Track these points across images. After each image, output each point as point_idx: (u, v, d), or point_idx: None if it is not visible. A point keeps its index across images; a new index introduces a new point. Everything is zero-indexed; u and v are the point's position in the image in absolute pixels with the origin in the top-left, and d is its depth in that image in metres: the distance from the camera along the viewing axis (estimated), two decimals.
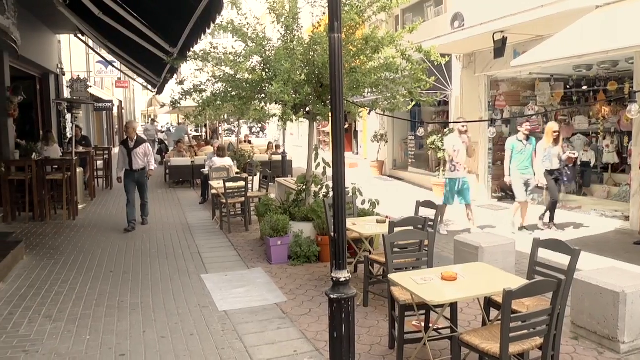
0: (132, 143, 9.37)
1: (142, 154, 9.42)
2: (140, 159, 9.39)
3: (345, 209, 3.16)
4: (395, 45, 7.21)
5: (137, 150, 9.36)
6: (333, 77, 2.85)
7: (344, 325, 3.20)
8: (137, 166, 9.38)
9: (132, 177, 9.45)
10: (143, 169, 9.50)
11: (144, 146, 9.54)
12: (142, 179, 9.58)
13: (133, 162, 9.34)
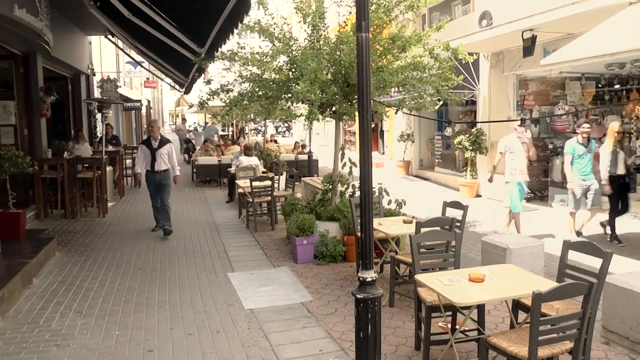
0: (155, 143, 8.77)
1: (165, 155, 8.80)
2: (163, 160, 8.79)
3: (372, 209, 3.15)
4: (422, 44, 7.16)
5: (160, 150, 8.74)
6: (360, 76, 2.84)
7: (370, 325, 3.19)
8: (160, 167, 8.76)
9: (153, 179, 8.82)
10: (166, 171, 8.85)
11: (168, 147, 8.90)
12: (164, 181, 8.89)
13: (156, 163, 8.71)
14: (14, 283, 5.65)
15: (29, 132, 10.64)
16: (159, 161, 8.73)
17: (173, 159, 8.97)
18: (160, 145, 8.78)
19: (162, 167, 8.78)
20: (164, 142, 8.86)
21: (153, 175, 8.79)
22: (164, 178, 8.86)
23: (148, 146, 8.78)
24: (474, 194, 12.81)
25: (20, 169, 7.81)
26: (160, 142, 8.80)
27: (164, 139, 8.93)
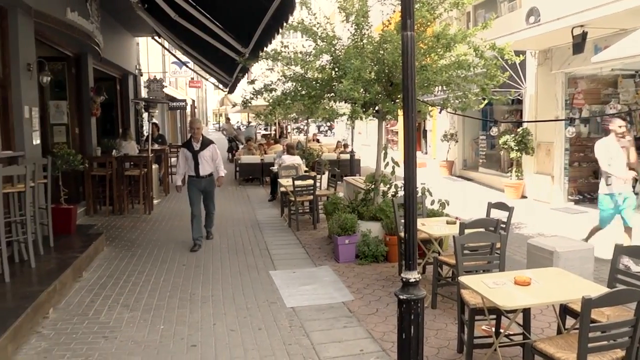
0: (197, 144, 7.93)
1: (209, 157, 7.96)
2: (207, 163, 7.96)
3: (416, 209, 3.12)
4: (467, 42, 7.04)
5: (203, 153, 7.90)
6: (405, 75, 2.81)
7: (413, 326, 3.15)
8: (205, 172, 7.93)
9: (198, 185, 7.98)
10: (210, 175, 8.06)
11: (212, 148, 8.04)
12: (209, 187, 8.12)
13: (200, 167, 7.89)
14: (66, 276, 5.85)
15: (80, 130, 11.01)
16: (203, 165, 7.92)
17: (217, 160, 8.13)
18: (203, 147, 7.95)
19: (207, 170, 7.99)
20: (206, 144, 8.01)
21: (197, 181, 7.94)
22: (209, 183, 8.11)
23: (189, 149, 7.95)
24: (519, 195, 12.53)
25: (72, 166, 8.08)
26: (202, 144, 7.95)
27: (206, 140, 8.08)
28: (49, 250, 6.70)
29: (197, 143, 7.94)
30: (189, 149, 7.95)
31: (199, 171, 7.89)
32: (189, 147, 7.97)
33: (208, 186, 8.10)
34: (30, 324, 4.70)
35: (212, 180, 8.15)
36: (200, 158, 7.89)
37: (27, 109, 7.18)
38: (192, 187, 7.99)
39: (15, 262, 6.05)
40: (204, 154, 7.91)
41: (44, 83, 8.22)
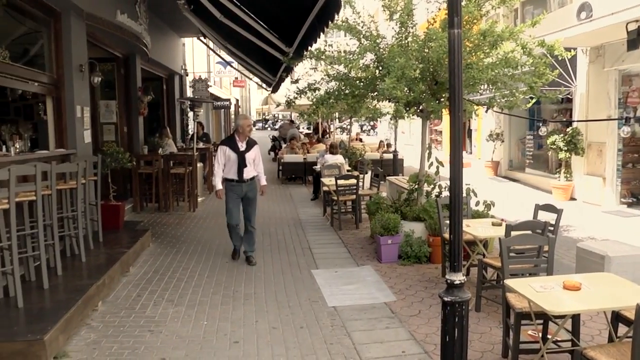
0: (243, 144, 6.99)
1: (252, 159, 7.08)
2: (251, 166, 7.06)
3: (462, 210, 3.06)
4: (515, 40, 6.87)
5: (249, 154, 7.00)
6: (452, 74, 2.76)
7: (457, 329, 3.10)
8: (247, 175, 7.00)
9: (238, 190, 7.00)
10: (254, 179, 7.15)
11: (256, 150, 7.18)
12: (251, 193, 7.10)
13: (245, 170, 6.96)
14: (114, 270, 6.02)
15: (128, 129, 11.32)
16: (248, 167, 7.01)
17: (260, 164, 7.25)
18: (248, 147, 7.06)
19: (251, 174, 7.07)
20: (251, 144, 7.13)
21: (239, 186, 6.98)
22: (252, 189, 7.12)
23: (233, 148, 6.97)
24: (568, 197, 12.16)
25: (120, 164, 8.31)
26: (248, 144, 7.07)
27: (251, 140, 7.20)
28: (98, 245, 6.90)
29: (243, 142, 7.01)
30: (233, 148, 6.96)
31: (243, 174, 6.95)
32: (232, 146, 6.98)
33: (250, 192, 7.10)
34: (81, 316, 4.85)
35: (255, 185, 7.20)
36: (246, 160, 6.99)
37: (79, 109, 7.42)
38: (231, 193, 7.01)
39: (67, 256, 6.26)
40: (249, 156, 7.03)
41: (95, 83, 8.48)
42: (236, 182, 6.95)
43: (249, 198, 7.11)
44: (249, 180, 7.04)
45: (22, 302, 4.68)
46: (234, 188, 6.98)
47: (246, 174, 6.98)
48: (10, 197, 4.62)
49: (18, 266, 4.78)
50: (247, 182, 7.02)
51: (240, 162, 6.92)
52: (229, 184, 6.99)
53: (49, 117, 7.18)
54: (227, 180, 6.98)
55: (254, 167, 7.10)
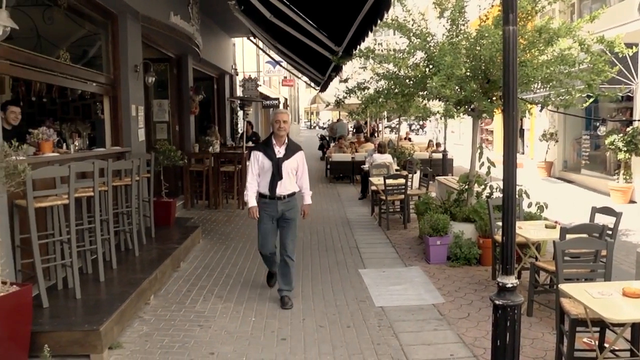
0: (281, 149, 5.37)
1: (293, 169, 5.45)
2: (291, 178, 5.44)
3: (515, 211, 2.98)
4: (572, 36, 6.64)
5: (288, 162, 5.37)
6: (506, 72, 2.69)
7: (509, 334, 3.02)
8: (285, 190, 5.38)
9: (272, 209, 5.39)
10: (292, 196, 5.48)
11: (299, 157, 5.50)
12: (290, 214, 5.45)
13: (281, 183, 5.34)
14: (165, 266, 6.17)
15: (180, 128, 11.60)
16: (286, 180, 5.37)
17: (304, 176, 5.61)
18: (289, 153, 5.41)
19: (289, 189, 5.43)
20: (293, 149, 5.47)
21: (272, 204, 5.39)
22: (290, 207, 5.47)
23: (268, 154, 5.36)
24: (627, 199, 11.67)
25: (172, 161, 8.52)
26: (288, 149, 5.41)
27: (293, 144, 5.54)
28: (150, 240, 7.10)
29: (281, 146, 5.38)
30: (268, 154, 5.36)
31: (277, 189, 5.34)
32: (267, 152, 5.38)
33: (288, 212, 5.44)
34: (134, 309, 5.00)
35: (295, 204, 5.53)
36: (284, 169, 5.35)
37: (134, 108, 7.65)
38: (263, 212, 5.42)
39: (121, 251, 6.47)
40: (288, 165, 5.38)
41: (149, 83, 8.72)
42: (269, 198, 5.37)
43: (287, 220, 5.44)
44: (286, 197, 5.39)
45: (79, 293, 4.87)
46: (266, 206, 5.40)
47: (282, 188, 5.35)
48: (70, 192, 4.82)
49: (76, 259, 4.97)
50: (283, 200, 5.38)
51: (275, 172, 5.31)
52: (261, 201, 5.44)
53: (105, 116, 7.44)
54: (260, 195, 5.46)
55: (295, 180, 5.50)
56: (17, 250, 4.73)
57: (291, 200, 5.46)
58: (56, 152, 5.74)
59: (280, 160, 5.32)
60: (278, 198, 5.36)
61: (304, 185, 5.60)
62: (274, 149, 5.35)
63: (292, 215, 5.47)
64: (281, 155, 5.34)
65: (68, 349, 4.12)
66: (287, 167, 5.36)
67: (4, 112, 5.68)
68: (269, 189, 5.35)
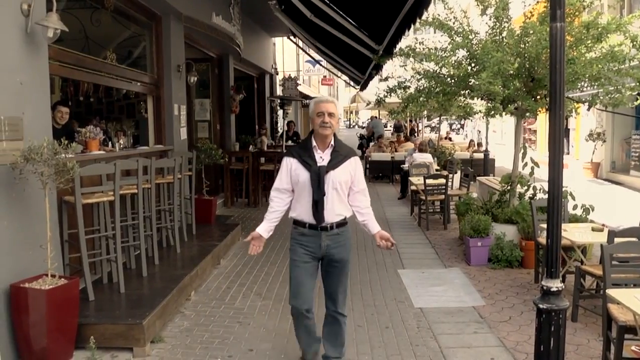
0: (324, 153, 3.72)
1: (344, 184, 3.73)
2: (341, 196, 3.74)
3: (561, 213, 2.90)
4: (622, 32, 6.42)
5: (336, 174, 3.68)
6: (553, 70, 2.62)
7: (553, 339, 2.94)
8: (331, 217, 3.71)
9: (313, 244, 3.74)
10: (343, 226, 3.80)
11: (352, 164, 3.78)
12: (340, 252, 3.78)
13: (326, 205, 3.66)
14: (206, 262, 6.27)
15: (221, 127, 11.77)
16: (332, 200, 3.69)
17: (364, 194, 3.90)
18: (337, 160, 3.71)
19: (338, 213, 3.75)
20: (343, 154, 3.75)
21: (313, 237, 3.73)
22: (339, 242, 3.78)
23: (304, 161, 3.70)
24: None
25: (213, 160, 8.65)
26: (335, 154, 3.72)
27: (342, 148, 3.81)
28: (191, 237, 7.23)
29: (325, 150, 3.71)
30: (304, 161, 3.68)
31: (319, 214, 3.65)
32: (303, 158, 3.70)
33: (337, 250, 3.75)
34: (175, 304, 5.10)
35: (346, 238, 3.83)
36: (329, 184, 3.64)
37: (177, 107, 7.80)
38: (299, 248, 3.76)
39: (163, 247, 6.61)
40: (336, 177, 3.67)
41: (191, 83, 8.88)
42: (309, 227, 3.68)
43: (335, 262, 3.74)
44: (334, 227, 3.69)
45: (123, 287, 5.00)
46: (304, 240, 3.70)
47: (327, 213, 3.64)
48: (115, 189, 4.94)
49: (121, 254, 5.11)
50: (330, 231, 3.68)
51: (314, 188, 3.60)
52: (295, 232, 3.77)
53: (149, 115, 7.62)
54: (294, 223, 3.79)
55: (346, 199, 3.76)
56: (66, 245, 4.89)
57: (342, 233, 3.72)
58: (102, 150, 5.91)
59: (323, 170, 3.56)
60: (322, 228, 3.63)
61: (362, 204, 3.81)
62: (313, 154, 3.63)
63: (341, 254, 3.72)
64: (325, 163, 3.60)
65: (112, 341, 4.23)
66: (335, 180, 3.60)
67: (53, 112, 5.88)
68: (306, 213, 3.64)
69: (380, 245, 3.77)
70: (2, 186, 3.84)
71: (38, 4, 4.15)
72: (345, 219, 3.81)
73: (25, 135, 4.04)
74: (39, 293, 3.83)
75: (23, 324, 3.87)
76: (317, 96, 3.78)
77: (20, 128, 4.01)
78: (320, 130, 3.66)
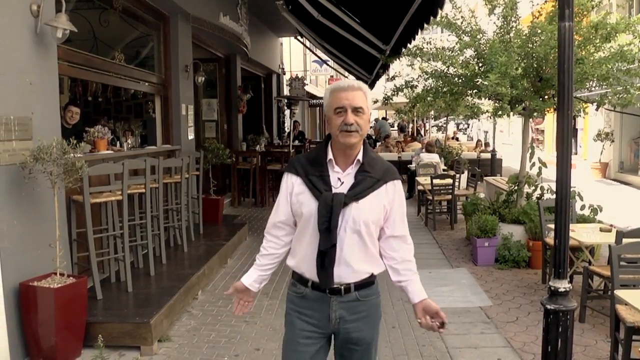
0: (344, 172, 2.27)
1: (372, 224, 2.25)
2: (365, 241, 2.26)
3: (569, 213, 2.89)
4: (632, 32, 6.39)
5: (360, 206, 2.21)
6: (561, 70, 2.61)
7: (560, 340, 2.93)
8: (347, 275, 2.26)
9: (318, 315, 2.32)
10: (367, 286, 2.34)
11: (389, 191, 2.30)
12: (361, 330, 2.33)
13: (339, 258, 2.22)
14: (213, 262, 6.29)
15: (228, 126, 11.79)
16: (350, 250, 2.25)
17: (401, 239, 2.43)
18: (363, 185, 2.24)
19: (359, 269, 2.30)
20: (375, 176, 2.27)
21: (318, 303, 2.33)
22: (359, 315, 2.35)
23: (313, 185, 2.25)
24: None
25: (220, 160, 8.67)
26: (361, 173, 2.26)
27: (376, 163, 2.32)
28: (199, 237, 7.25)
29: (347, 168, 2.30)
30: (313, 183, 2.26)
31: (331, 272, 2.25)
32: (312, 177, 2.27)
33: (356, 326, 2.35)
34: (182, 303, 5.12)
35: (374, 307, 2.43)
36: (347, 224, 2.23)
37: (184, 107, 7.82)
38: (297, 320, 2.39)
39: (171, 246, 6.63)
40: (361, 212, 2.24)
41: (198, 83, 8.90)
42: (312, 288, 2.35)
43: (352, 343, 2.38)
44: (351, 290, 2.33)
45: (131, 286, 5.02)
46: (305, 306, 2.38)
47: (343, 270, 2.28)
48: (123, 189, 4.97)
49: (129, 253, 5.13)
50: (345, 296, 2.32)
51: (323, 230, 2.21)
52: (293, 292, 2.46)
53: (156, 115, 7.65)
54: (292, 276, 2.49)
55: (375, 247, 2.37)
56: (74, 244, 4.92)
57: (365, 299, 2.36)
58: (110, 150, 5.94)
59: (340, 201, 2.20)
60: (332, 291, 2.30)
61: (398, 255, 2.44)
62: (327, 173, 2.27)
63: (363, 332, 2.37)
64: (344, 189, 2.24)
65: (120, 340, 4.26)
66: (358, 218, 2.24)
67: (64, 112, 5.91)
68: (308, 263, 2.31)
69: (421, 323, 2.41)
70: (12, 185, 3.87)
71: (47, 4, 4.18)
72: (371, 277, 2.38)
73: (34, 135, 4.07)
74: (48, 291, 3.86)
75: (32, 322, 3.90)
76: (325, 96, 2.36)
77: (30, 128, 4.04)
78: (341, 137, 2.22)
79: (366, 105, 2.28)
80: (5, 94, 3.81)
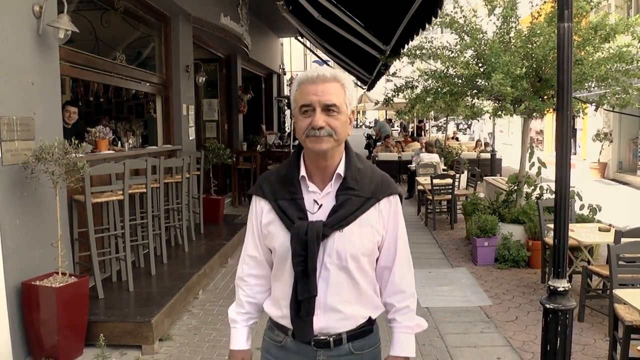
0: (323, 191, 1.74)
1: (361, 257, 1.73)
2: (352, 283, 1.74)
3: (568, 213, 2.91)
4: (630, 32, 6.41)
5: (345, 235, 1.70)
6: (561, 70, 2.63)
7: (560, 339, 2.95)
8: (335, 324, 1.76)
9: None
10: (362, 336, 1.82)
11: (383, 210, 1.79)
12: None
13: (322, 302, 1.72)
14: (214, 261, 6.31)
15: (229, 126, 11.81)
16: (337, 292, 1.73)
17: (401, 270, 1.91)
18: (348, 207, 1.70)
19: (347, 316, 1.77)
20: (363, 194, 1.73)
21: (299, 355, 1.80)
22: None
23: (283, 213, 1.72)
24: None
25: (221, 160, 8.69)
26: (345, 191, 1.72)
27: (361, 175, 1.77)
28: (199, 236, 7.27)
29: (325, 184, 1.76)
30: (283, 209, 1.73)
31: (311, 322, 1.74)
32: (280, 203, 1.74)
33: None
34: (183, 302, 5.14)
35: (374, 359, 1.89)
36: (330, 261, 1.71)
37: (185, 107, 7.84)
38: None
39: (172, 246, 6.65)
40: (347, 243, 1.71)
41: (199, 83, 8.92)
42: (293, 338, 1.81)
43: None
44: (342, 342, 1.79)
45: (132, 286, 5.04)
46: (281, 356, 1.87)
47: (330, 317, 1.75)
48: (124, 189, 4.99)
49: (130, 253, 5.15)
50: (334, 349, 1.78)
51: (298, 273, 1.70)
52: (270, 339, 1.94)
53: (158, 115, 7.67)
54: (269, 320, 1.94)
55: (369, 284, 1.82)
56: (76, 244, 4.94)
57: (363, 353, 1.86)
58: (112, 150, 5.96)
59: (318, 231, 1.67)
60: (318, 344, 1.78)
61: (392, 289, 1.91)
62: (301, 194, 1.75)
63: None
64: (323, 215, 1.72)
65: (121, 339, 4.28)
66: (343, 251, 1.72)
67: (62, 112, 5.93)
68: (283, 310, 1.83)
69: None
70: (14, 185, 3.89)
71: (49, 5, 4.20)
72: (369, 323, 1.87)
73: (36, 135, 4.09)
74: (50, 291, 3.88)
75: (34, 321, 3.92)
76: None
77: (32, 128, 4.06)
78: (308, 143, 1.71)
79: (344, 101, 1.72)
80: (7, 94, 3.83)
